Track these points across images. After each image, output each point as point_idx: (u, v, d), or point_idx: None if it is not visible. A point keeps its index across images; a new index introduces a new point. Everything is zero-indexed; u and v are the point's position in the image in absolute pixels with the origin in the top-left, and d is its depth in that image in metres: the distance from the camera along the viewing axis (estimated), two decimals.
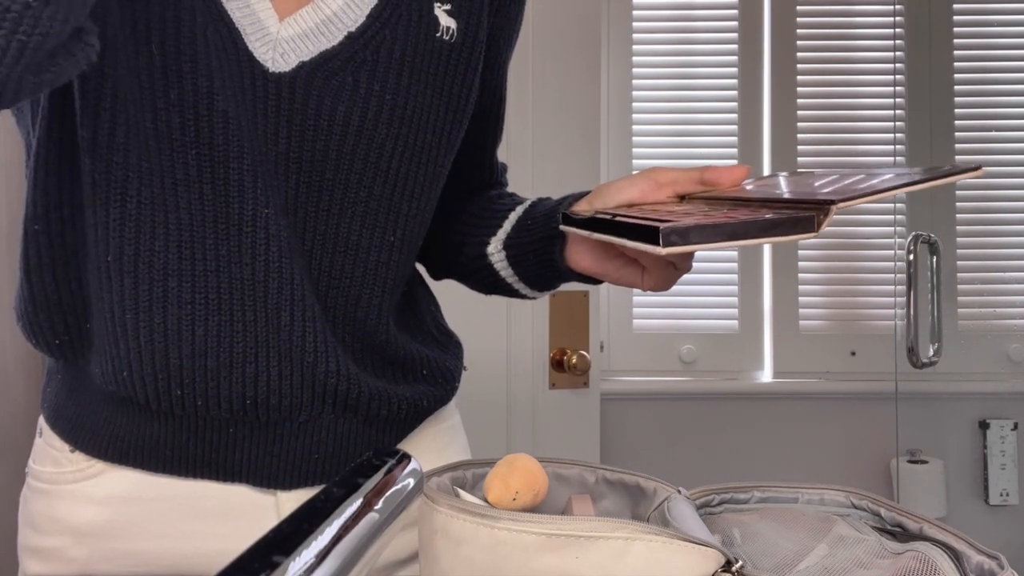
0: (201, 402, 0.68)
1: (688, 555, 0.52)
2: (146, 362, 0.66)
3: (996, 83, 2.20)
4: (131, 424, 0.70)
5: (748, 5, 2.20)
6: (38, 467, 0.76)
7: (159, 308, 0.66)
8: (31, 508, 0.75)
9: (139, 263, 0.65)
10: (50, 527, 0.73)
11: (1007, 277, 2.19)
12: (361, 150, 0.68)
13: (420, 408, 0.79)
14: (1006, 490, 2.14)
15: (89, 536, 0.72)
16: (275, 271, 0.66)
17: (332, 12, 0.68)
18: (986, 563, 0.54)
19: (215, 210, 0.65)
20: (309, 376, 0.69)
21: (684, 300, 2.19)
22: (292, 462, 0.72)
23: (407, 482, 0.42)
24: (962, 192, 2.19)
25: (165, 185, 0.64)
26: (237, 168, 0.64)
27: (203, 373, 0.67)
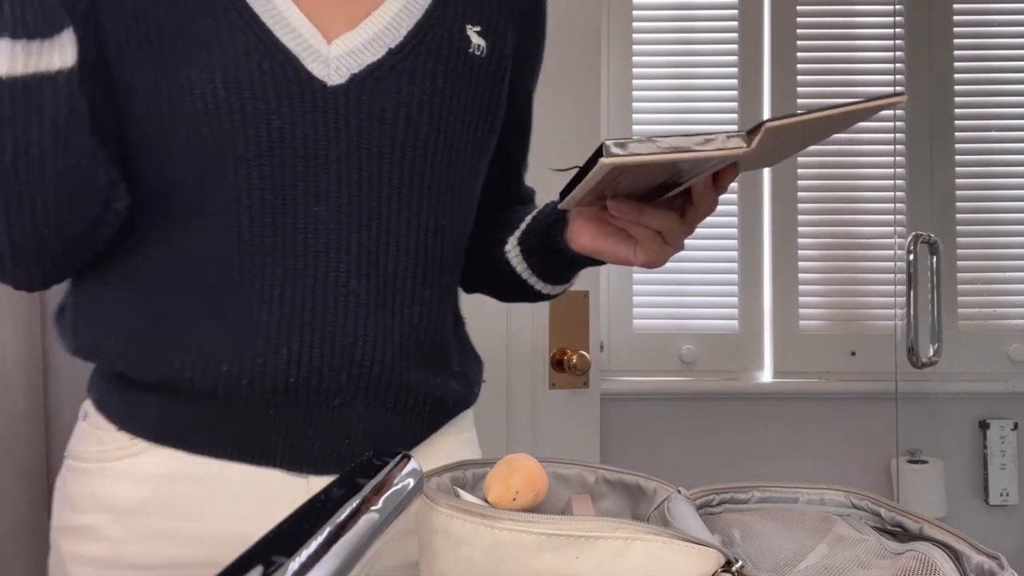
0: (246, 381, 0.73)
1: (688, 555, 0.52)
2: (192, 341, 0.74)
3: (996, 83, 2.20)
4: (175, 405, 0.75)
5: (748, 5, 2.20)
6: (80, 448, 0.81)
7: (229, 298, 0.74)
8: (69, 488, 0.79)
9: (206, 258, 0.74)
10: (88, 505, 0.77)
11: (1007, 277, 2.19)
12: (409, 143, 0.77)
13: (445, 406, 0.85)
14: (1006, 490, 2.14)
15: (125, 514, 0.76)
16: (323, 261, 0.74)
17: (375, 33, 0.77)
18: (986, 563, 0.54)
19: (273, 209, 0.73)
20: (348, 359, 0.75)
21: (684, 300, 2.19)
22: (324, 447, 0.77)
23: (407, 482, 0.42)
24: (962, 192, 2.19)
25: (232, 195, 0.73)
26: (291, 174, 0.73)
27: (251, 351, 0.73)
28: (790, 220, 2.19)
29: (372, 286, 0.76)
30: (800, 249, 2.19)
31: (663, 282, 2.18)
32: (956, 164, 2.18)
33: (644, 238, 0.74)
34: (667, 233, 0.74)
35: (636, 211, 0.72)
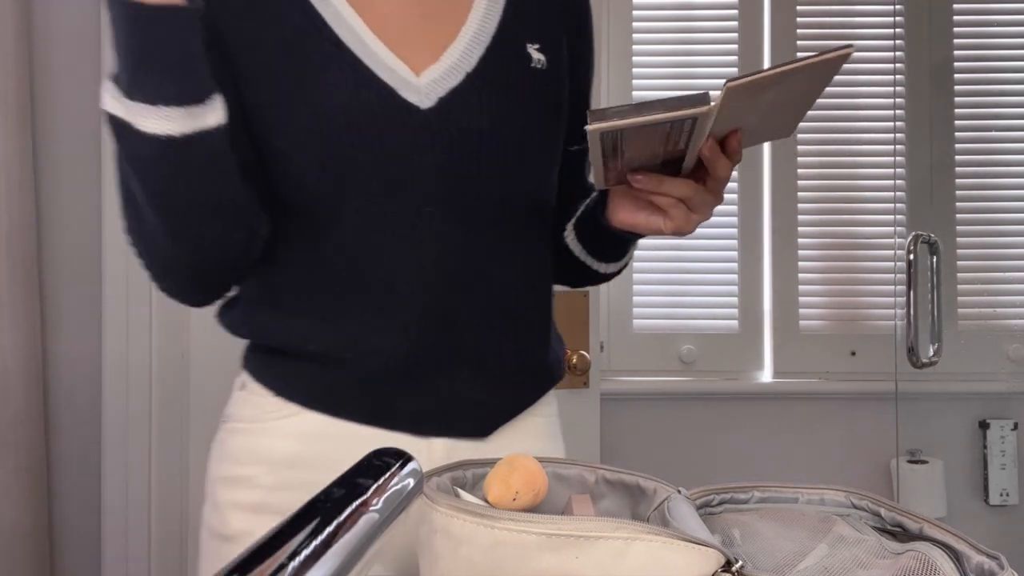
0: (378, 355, 0.89)
1: (688, 555, 0.52)
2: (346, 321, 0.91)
3: (996, 83, 2.20)
4: (322, 374, 0.91)
5: (748, 5, 2.20)
6: (241, 412, 0.96)
7: (360, 283, 0.90)
8: (229, 445, 0.95)
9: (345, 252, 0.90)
10: (248, 458, 0.93)
11: (1007, 277, 2.19)
12: (492, 151, 0.92)
13: (538, 379, 1.00)
14: (1006, 490, 2.14)
15: (279, 465, 0.91)
16: (432, 250, 0.89)
17: (453, 62, 0.91)
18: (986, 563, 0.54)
19: (391, 212, 0.89)
20: (456, 336, 0.91)
21: (684, 300, 2.19)
22: (440, 412, 0.91)
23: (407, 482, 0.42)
24: (962, 192, 2.19)
25: (363, 203, 0.89)
26: (403, 182, 0.89)
27: (383, 330, 0.90)
28: (790, 220, 2.19)
29: (473, 270, 0.92)
30: (800, 249, 2.19)
31: (663, 282, 2.18)
32: (956, 164, 2.18)
33: (668, 206, 0.85)
34: (689, 200, 0.84)
35: (655, 181, 0.83)
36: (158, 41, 0.74)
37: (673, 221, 0.86)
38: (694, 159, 0.81)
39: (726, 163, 0.82)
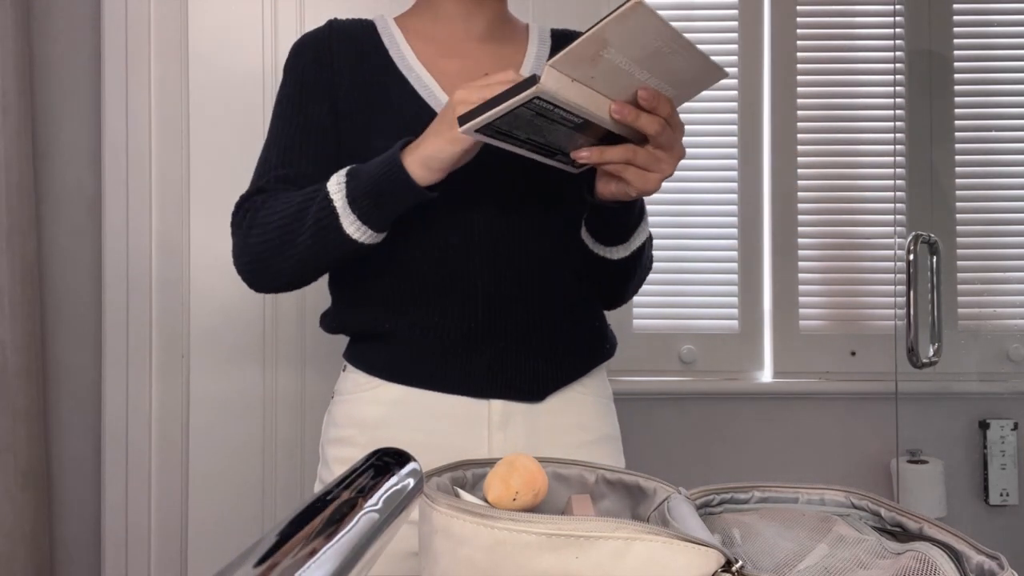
0: (447, 333, 1.08)
1: (688, 555, 0.52)
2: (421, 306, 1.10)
3: (996, 83, 2.20)
4: (399, 353, 1.10)
5: (748, 5, 2.20)
6: (343, 387, 1.16)
7: (438, 286, 1.09)
8: (334, 413, 1.16)
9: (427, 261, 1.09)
10: (347, 422, 1.13)
11: (1007, 277, 2.19)
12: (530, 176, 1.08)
13: (586, 354, 1.17)
14: (1006, 490, 2.14)
15: (369, 427, 1.10)
16: (490, 247, 1.08)
17: None
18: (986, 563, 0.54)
19: (460, 217, 1.08)
20: (510, 317, 1.09)
21: (684, 300, 2.19)
22: (492, 379, 1.08)
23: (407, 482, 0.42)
24: (962, 192, 2.19)
25: (435, 214, 1.08)
26: (464, 194, 1.07)
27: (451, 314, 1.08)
28: (790, 220, 2.19)
29: (525, 263, 1.09)
30: (800, 249, 2.20)
31: (663, 282, 2.18)
32: (956, 164, 2.18)
33: (620, 172, 0.93)
34: (634, 161, 0.91)
35: (596, 153, 0.92)
36: (397, 201, 0.97)
37: (632, 184, 0.93)
38: (616, 125, 0.89)
39: (648, 119, 0.88)
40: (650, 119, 0.88)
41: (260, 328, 1.99)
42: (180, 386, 1.97)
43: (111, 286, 1.94)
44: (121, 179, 1.95)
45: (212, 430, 1.98)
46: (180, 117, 1.98)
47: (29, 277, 1.87)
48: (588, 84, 0.83)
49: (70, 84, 1.97)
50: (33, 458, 1.83)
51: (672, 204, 2.20)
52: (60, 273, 1.97)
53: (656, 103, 0.87)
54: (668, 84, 0.88)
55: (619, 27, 0.77)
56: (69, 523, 1.96)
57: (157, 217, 1.97)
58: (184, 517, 1.97)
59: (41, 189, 1.96)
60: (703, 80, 0.89)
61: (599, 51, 0.79)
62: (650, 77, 0.86)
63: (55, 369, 1.96)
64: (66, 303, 1.97)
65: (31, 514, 1.83)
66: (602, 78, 0.83)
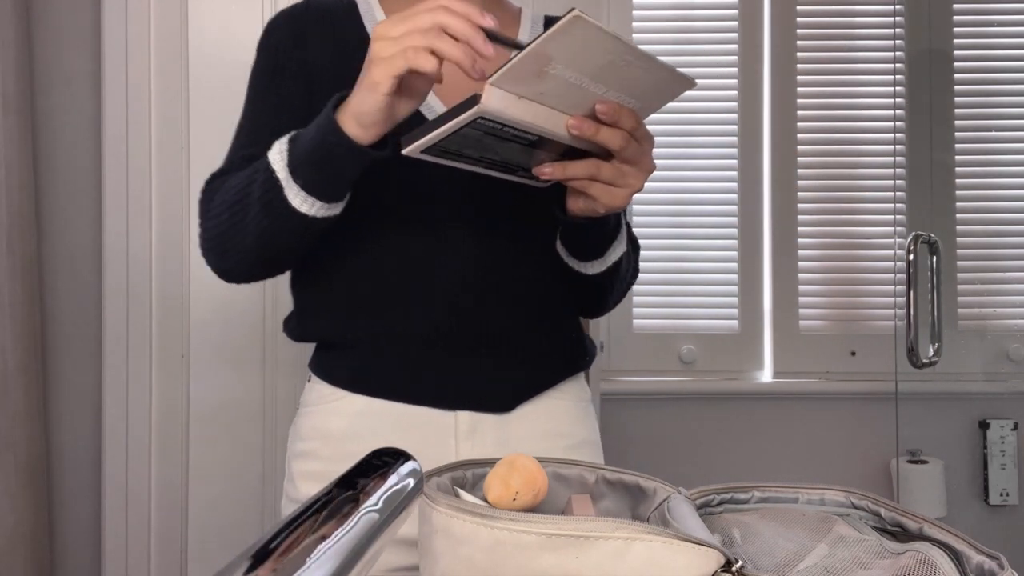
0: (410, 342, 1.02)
1: (688, 555, 0.52)
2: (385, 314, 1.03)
3: (996, 83, 2.20)
4: (360, 364, 1.04)
5: (748, 5, 2.20)
6: (306, 398, 1.09)
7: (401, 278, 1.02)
8: (299, 426, 1.09)
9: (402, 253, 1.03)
10: (312, 434, 1.06)
11: (1007, 277, 2.19)
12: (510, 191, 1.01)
13: (558, 362, 1.09)
14: (1006, 490, 2.14)
15: (334, 440, 1.04)
16: (458, 257, 1.01)
17: None
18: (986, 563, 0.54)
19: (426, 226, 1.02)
20: (477, 326, 1.02)
21: (684, 300, 2.19)
22: (462, 390, 1.03)
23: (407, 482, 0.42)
24: (962, 192, 2.19)
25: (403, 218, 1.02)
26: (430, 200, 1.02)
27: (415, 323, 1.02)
28: (790, 220, 2.19)
29: (493, 270, 1.02)
30: (800, 249, 2.20)
31: (663, 282, 2.18)
32: (956, 164, 2.18)
33: (585, 188, 0.87)
34: (599, 176, 0.86)
35: (559, 169, 0.86)
36: (339, 164, 0.86)
37: (599, 199, 0.88)
38: (578, 140, 0.83)
39: (609, 132, 0.83)
40: (612, 132, 0.83)
41: (260, 328, 1.99)
42: (180, 386, 1.97)
43: (111, 286, 1.94)
44: (121, 179, 1.95)
45: (212, 430, 1.98)
46: (180, 117, 1.98)
47: (29, 277, 1.87)
48: (538, 100, 0.78)
49: (70, 84, 1.97)
50: (33, 458, 1.83)
51: (672, 204, 2.20)
52: (60, 273, 1.97)
53: (616, 116, 0.82)
54: (629, 96, 0.83)
55: (559, 42, 0.72)
56: (69, 523, 1.96)
57: (157, 217, 1.97)
58: (184, 517, 1.97)
59: (41, 189, 1.96)
60: (669, 90, 0.84)
61: (543, 67, 0.74)
62: (608, 90, 0.80)
63: (55, 369, 1.96)
64: (66, 303, 1.97)
65: (31, 514, 1.83)
66: (553, 93, 0.77)
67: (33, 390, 1.86)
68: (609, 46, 0.74)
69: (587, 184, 0.87)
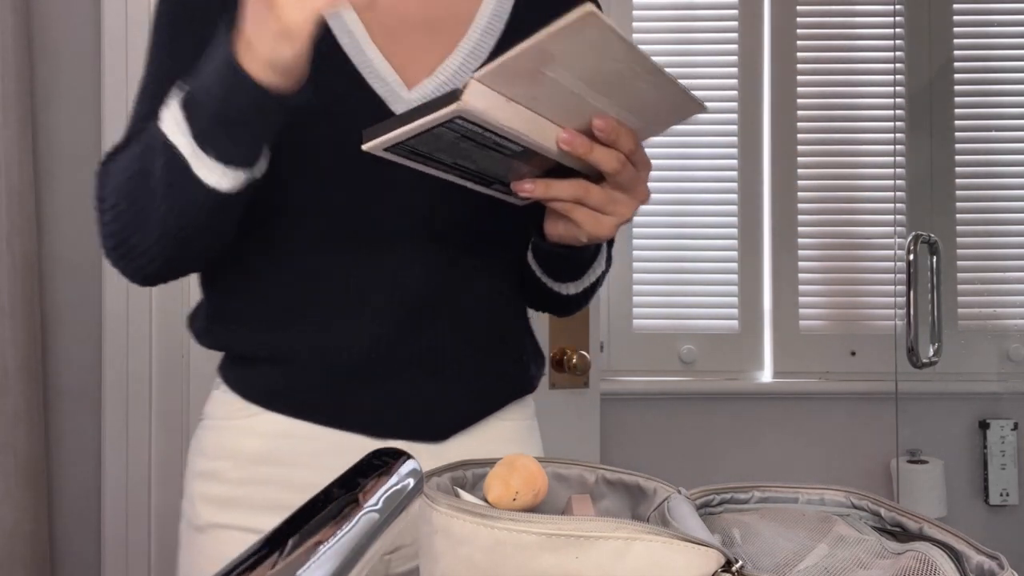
0: (338, 357, 0.89)
1: (688, 555, 0.52)
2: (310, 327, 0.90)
3: (996, 83, 2.20)
4: (283, 379, 0.91)
5: (748, 5, 2.20)
6: (214, 410, 0.96)
7: (339, 298, 0.89)
8: (203, 441, 0.96)
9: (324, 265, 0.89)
10: (217, 452, 0.93)
11: (1007, 277, 2.19)
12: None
13: (504, 387, 0.97)
14: (1006, 490, 2.14)
15: (247, 461, 0.91)
16: (397, 263, 0.88)
17: (447, 78, 0.88)
18: (986, 563, 0.54)
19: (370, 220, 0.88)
20: (416, 342, 0.89)
21: (684, 300, 2.19)
22: (399, 417, 0.90)
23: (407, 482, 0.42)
24: (962, 192, 2.19)
25: (336, 207, 0.87)
26: (377, 196, 0.87)
27: (343, 337, 0.89)
28: (790, 220, 2.19)
29: (439, 285, 0.90)
30: (800, 249, 2.20)
31: (663, 282, 2.19)
32: (956, 164, 2.18)
33: (568, 211, 0.78)
34: (586, 201, 0.76)
35: (542, 187, 0.76)
36: (260, 123, 0.75)
37: (581, 226, 0.78)
38: (566, 156, 0.73)
39: (604, 153, 0.73)
40: (607, 154, 0.73)
41: None
42: (180, 386, 1.97)
43: (111, 286, 1.94)
44: None
45: None
46: None
47: (29, 277, 1.87)
48: (528, 106, 0.68)
49: (70, 84, 1.97)
50: (33, 458, 1.83)
51: (672, 204, 2.20)
52: (60, 273, 1.97)
53: (615, 136, 0.72)
54: (631, 114, 0.73)
55: (566, 40, 0.63)
56: (69, 523, 1.96)
57: None
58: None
59: (41, 189, 1.96)
60: (676, 112, 0.75)
61: (540, 67, 0.65)
62: (609, 104, 0.71)
63: (55, 369, 1.96)
64: (66, 303, 1.97)
65: (31, 514, 1.83)
66: (547, 100, 0.68)
67: (33, 390, 1.86)
68: (620, 53, 0.66)
69: (571, 208, 0.77)
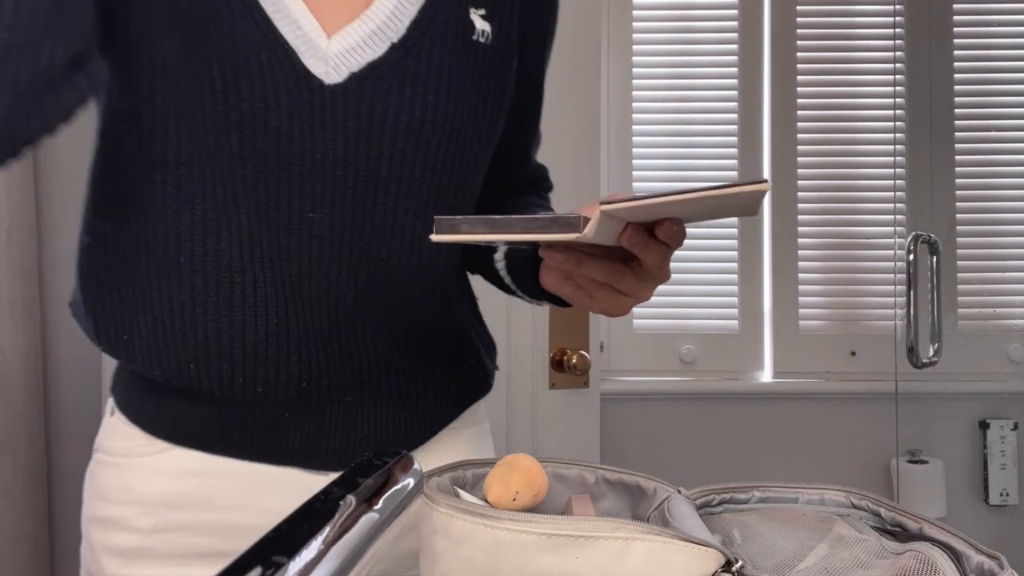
0: (261, 388, 0.75)
1: (688, 555, 0.52)
2: (212, 354, 0.74)
3: (996, 83, 2.20)
4: (193, 412, 0.77)
5: (748, 5, 2.20)
6: (110, 443, 0.81)
7: (225, 302, 0.73)
8: (100, 481, 0.81)
9: (208, 261, 0.73)
10: (120, 497, 0.79)
11: (1007, 277, 2.19)
12: (411, 147, 0.74)
13: (453, 398, 0.86)
14: (1006, 490, 2.14)
15: (157, 506, 0.78)
16: (316, 267, 0.74)
17: (376, 26, 0.74)
18: (986, 563, 0.54)
19: (267, 214, 0.72)
20: (346, 358, 0.77)
21: (684, 300, 2.19)
22: (338, 445, 0.79)
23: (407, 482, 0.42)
24: (962, 192, 2.19)
25: (227, 193, 0.71)
26: (287, 178, 0.72)
27: (263, 361, 0.74)
28: (790, 220, 2.19)
29: (365, 291, 0.75)
30: (800, 249, 2.20)
31: None
32: (956, 164, 2.18)
33: (590, 287, 0.71)
34: (618, 285, 0.70)
35: (573, 260, 0.68)
36: None
37: (597, 303, 0.71)
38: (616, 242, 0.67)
39: (657, 250, 0.66)
40: (659, 251, 0.66)
41: None
42: None
43: None
44: None
45: None
46: None
47: (29, 277, 1.87)
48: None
49: None
50: (33, 458, 1.83)
51: None
52: (60, 273, 1.97)
53: (675, 239, 0.66)
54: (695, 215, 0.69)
55: (692, 204, 0.59)
56: (69, 523, 1.96)
57: None
58: None
59: (41, 189, 1.96)
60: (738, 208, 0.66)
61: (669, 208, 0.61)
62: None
63: (55, 369, 1.96)
64: (66, 303, 1.97)
65: (31, 514, 1.83)
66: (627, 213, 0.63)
67: (33, 390, 1.86)
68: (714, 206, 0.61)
69: (595, 285, 0.70)
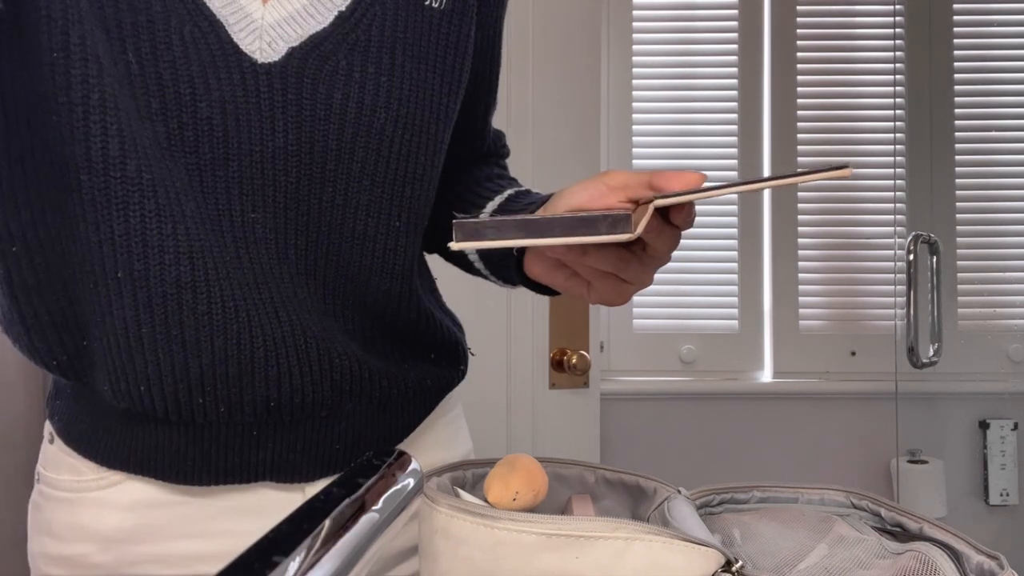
0: (224, 408, 0.66)
1: (688, 555, 0.52)
2: (166, 374, 0.65)
3: (996, 83, 2.20)
4: (149, 437, 0.68)
5: (748, 5, 2.20)
6: (53, 475, 0.73)
7: (175, 320, 0.63)
8: (48, 517, 0.73)
9: (151, 277, 0.62)
10: (73, 535, 0.71)
11: (1007, 277, 2.19)
12: (362, 137, 0.65)
13: (428, 391, 0.78)
14: (1006, 490, 2.14)
15: (115, 542, 0.70)
16: (269, 273, 0.65)
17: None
18: (986, 563, 0.54)
19: (211, 218, 0.63)
20: (327, 369, 0.68)
21: (684, 300, 2.19)
22: (316, 455, 0.72)
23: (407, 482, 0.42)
24: (962, 192, 2.19)
25: (169, 196, 0.61)
26: (224, 175, 0.62)
27: (225, 380, 0.65)
28: (790, 220, 2.19)
29: (316, 293, 0.68)
30: (800, 249, 2.20)
31: (663, 282, 2.18)
32: (956, 164, 2.18)
33: (592, 277, 0.64)
34: (623, 273, 0.63)
35: (577, 250, 0.61)
36: None
37: (598, 293, 0.64)
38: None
39: (671, 235, 0.61)
40: (673, 235, 0.61)
41: None
42: None
43: None
44: None
45: None
46: None
47: None
48: None
49: None
50: (33, 458, 1.83)
51: None
52: None
53: (689, 223, 0.61)
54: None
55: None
56: None
57: None
58: None
59: None
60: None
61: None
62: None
63: None
64: None
65: None
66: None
67: (33, 391, 1.86)
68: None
69: (598, 275, 0.63)
